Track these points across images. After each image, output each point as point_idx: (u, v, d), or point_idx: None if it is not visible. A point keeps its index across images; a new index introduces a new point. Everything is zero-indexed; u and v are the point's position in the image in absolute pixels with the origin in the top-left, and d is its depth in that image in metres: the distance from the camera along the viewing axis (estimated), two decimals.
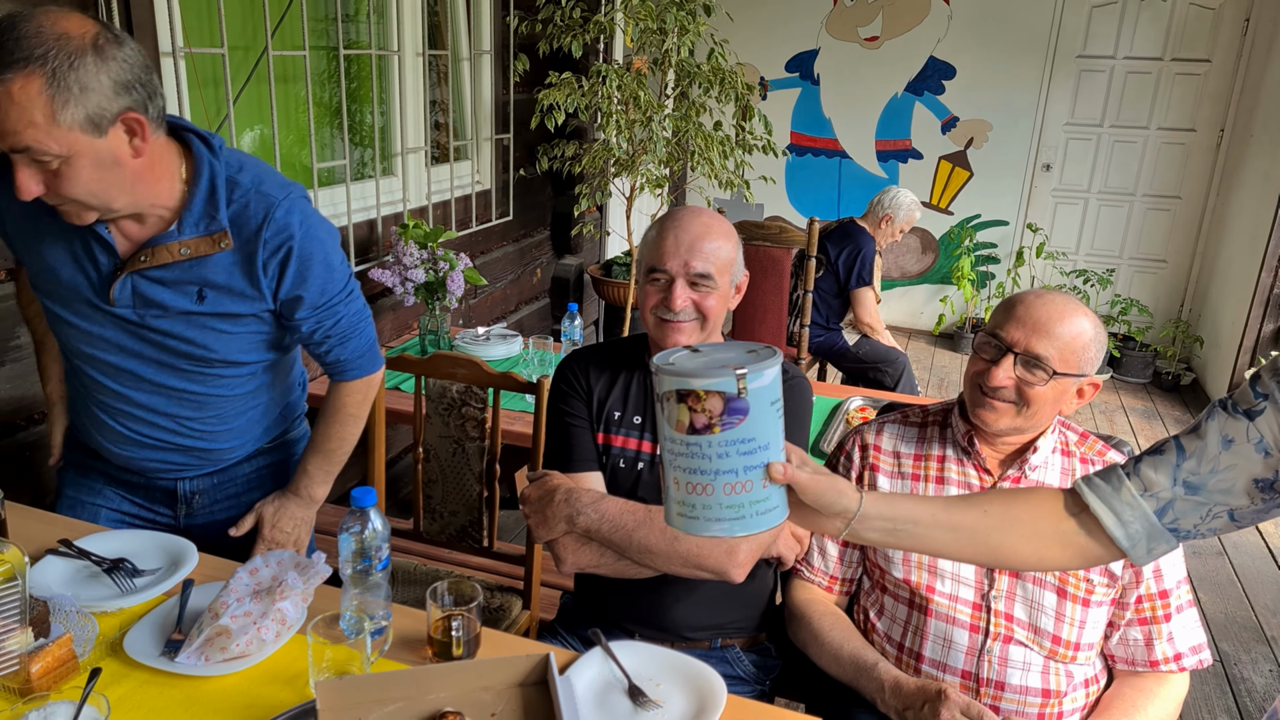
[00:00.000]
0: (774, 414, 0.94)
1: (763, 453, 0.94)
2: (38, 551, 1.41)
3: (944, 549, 1.08)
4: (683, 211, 1.60)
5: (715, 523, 0.95)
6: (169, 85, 2.23)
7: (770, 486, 0.95)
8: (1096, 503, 1.05)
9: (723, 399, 0.91)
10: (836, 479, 1.01)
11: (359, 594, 1.27)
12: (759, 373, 0.91)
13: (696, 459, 0.94)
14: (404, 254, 2.89)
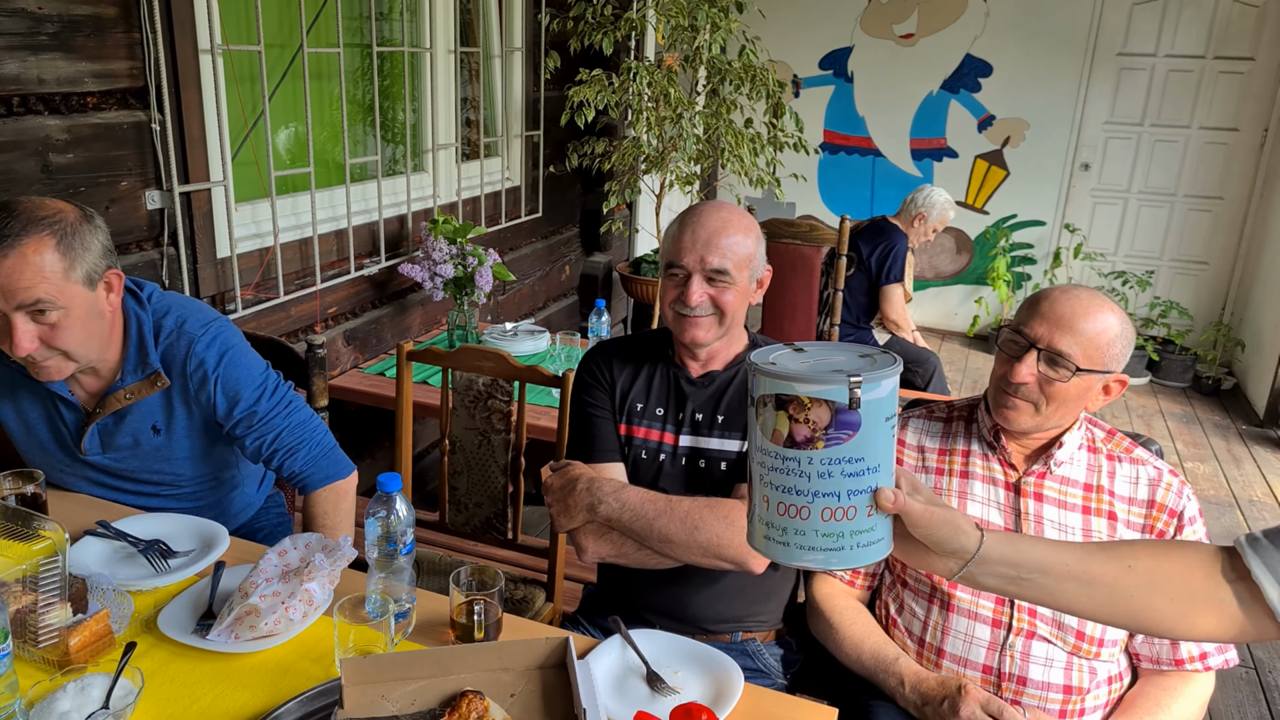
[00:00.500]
0: (888, 431, 0.82)
1: (871, 476, 0.82)
2: (76, 532, 1.46)
3: (1075, 605, 0.93)
4: (703, 207, 1.61)
5: (808, 551, 0.83)
6: (207, 82, 2.28)
7: (876, 515, 0.83)
8: (1260, 569, 0.88)
9: (831, 409, 0.79)
10: (955, 513, 0.88)
11: (384, 578, 1.30)
12: (876, 382, 0.79)
13: (793, 476, 0.82)
14: (433, 249, 2.93)
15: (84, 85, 2.00)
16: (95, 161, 2.04)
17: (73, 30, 1.95)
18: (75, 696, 1.07)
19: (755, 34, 5.16)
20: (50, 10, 1.89)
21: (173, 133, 2.19)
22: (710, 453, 1.61)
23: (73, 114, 1.99)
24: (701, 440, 1.62)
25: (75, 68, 1.97)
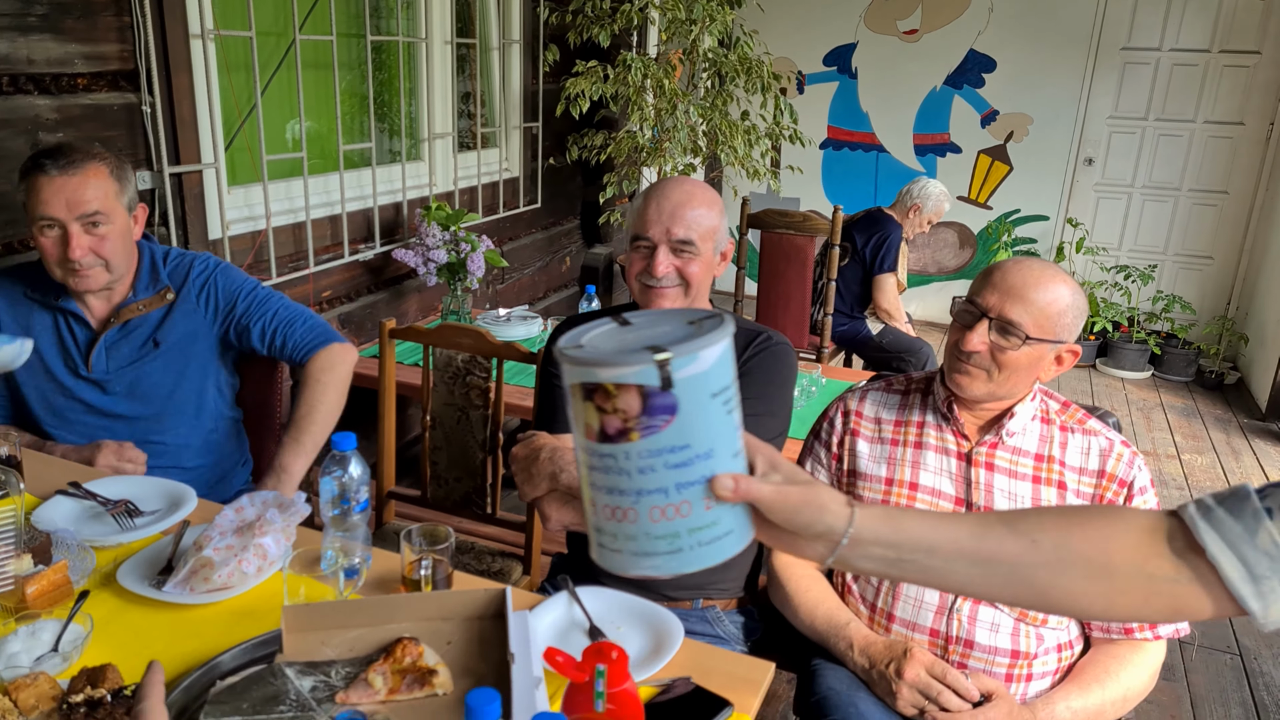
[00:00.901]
0: (718, 410, 0.69)
1: (701, 463, 0.69)
2: (48, 491, 1.50)
3: (971, 587, 0.80)
4: (667, 181, 1.64)
5: (643, 558, 0.71)
6: (198, 67, 2.33)
7: (718, 507, 0.71)
8: (1219, 546, 0.76)
9: (640, 394, 0.66)
10: (818, 490, 0.76)
11: (340, 535, 1.33)
12: (691, 355, 0.66)
13: (613, 475, 0.70)
14: (427, 235, 2.97)
15: (74, 66, 2.05)
16: (85, 141, 2.09)
17: (62, 12, 2.00)
18: (26, 640, 1.10)
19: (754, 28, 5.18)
20: None
21: (163, 115, 2.24)
22: None
23: (63, 94, 2.04)
24: None
25: (65, 49, 2.02)
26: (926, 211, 3.96)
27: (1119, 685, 1.41)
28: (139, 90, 2.19)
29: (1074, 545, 0.79)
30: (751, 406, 1.56)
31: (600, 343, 0.72)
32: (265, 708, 1.01)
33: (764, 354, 1.62)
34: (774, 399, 1.60)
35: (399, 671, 1.05)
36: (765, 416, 1.59)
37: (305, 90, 2.71)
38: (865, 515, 0.76)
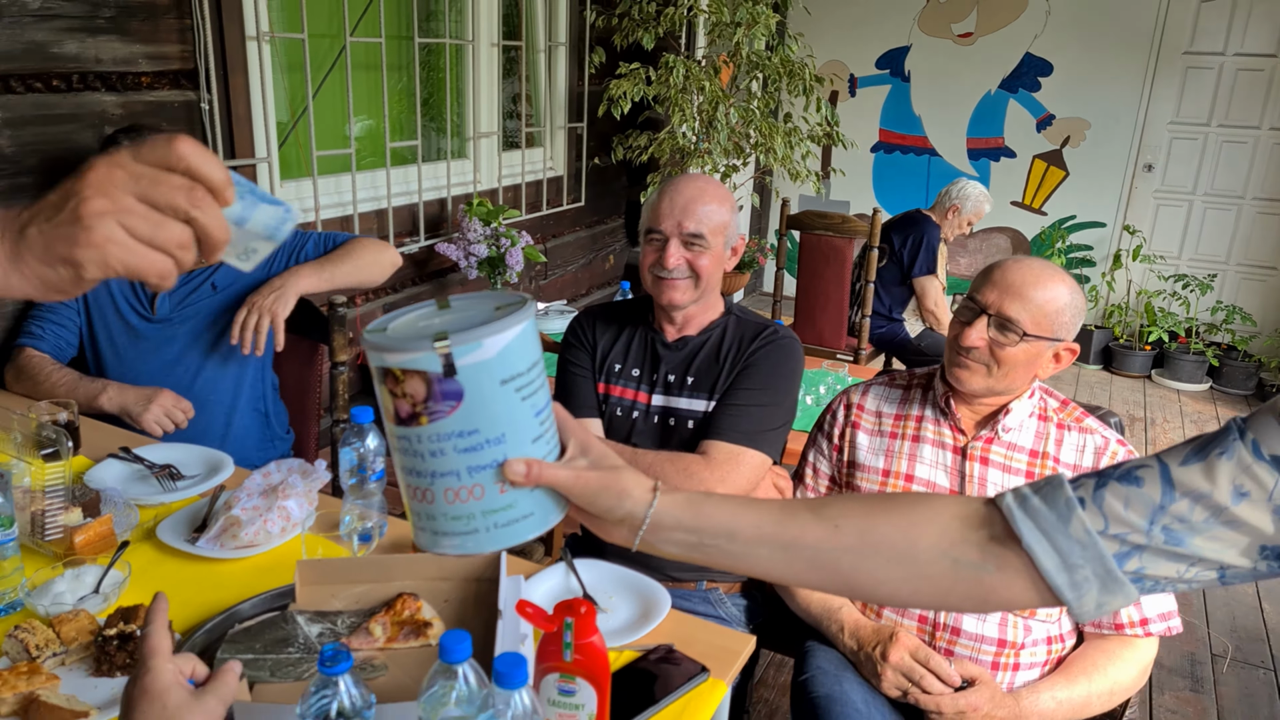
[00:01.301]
0: (509, 396, 0.70)
1: (493, 448, 0.70)
2: (102, 454, 1.64)
3: (774, 571, 0.81)
4: (681, 177, 1.71)
5: (443, 537, 0.73)
6: (253, 68, 2.47)
7: (514, 491, 0.72)
8: (1032, 533, 0.75)
9: (425, 380, 0.68)
10: (620, 475, 0.77)
11: (358, 503, 1.43)
12: (474, 343, 0.67)
13: (410, 456, 0.72)
14: (468, 229, 3.08)
15: (138, 65, 2.20)
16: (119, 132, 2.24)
17: (128, 15, 2.15)
18: (71, 581, 1.22)
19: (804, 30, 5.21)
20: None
21: (219, 112, 2.38)
22: (679, 412, 1.70)
23: (127, 91, 2.19)
24: (672, 400, 1.71)
25: (130, 49, 2.17)
26: (966, 212, 3.95)
27: (1106, 679, 1.43)
28: (198, 88, 2.34)
29: (878, 530, 0.79)
30: (756, 397, 1.63)
31: (405, 327, 0.73)
32: (275, 648, 1.11)
33: (770, 346, 1.68)
34: (778, 390, 1.65)
35: (398, 623, 1.13)
36: (770, 407, 1.64)
37: (355, 90, 2.84)
38: (666, 501, 0.78)
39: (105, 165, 0.57)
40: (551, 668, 0.97)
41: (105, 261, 0.56)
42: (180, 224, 0.57)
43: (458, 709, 0.87)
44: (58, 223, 0.56)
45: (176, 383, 1.97)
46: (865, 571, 0.79)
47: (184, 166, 0.58)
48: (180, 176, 0.57)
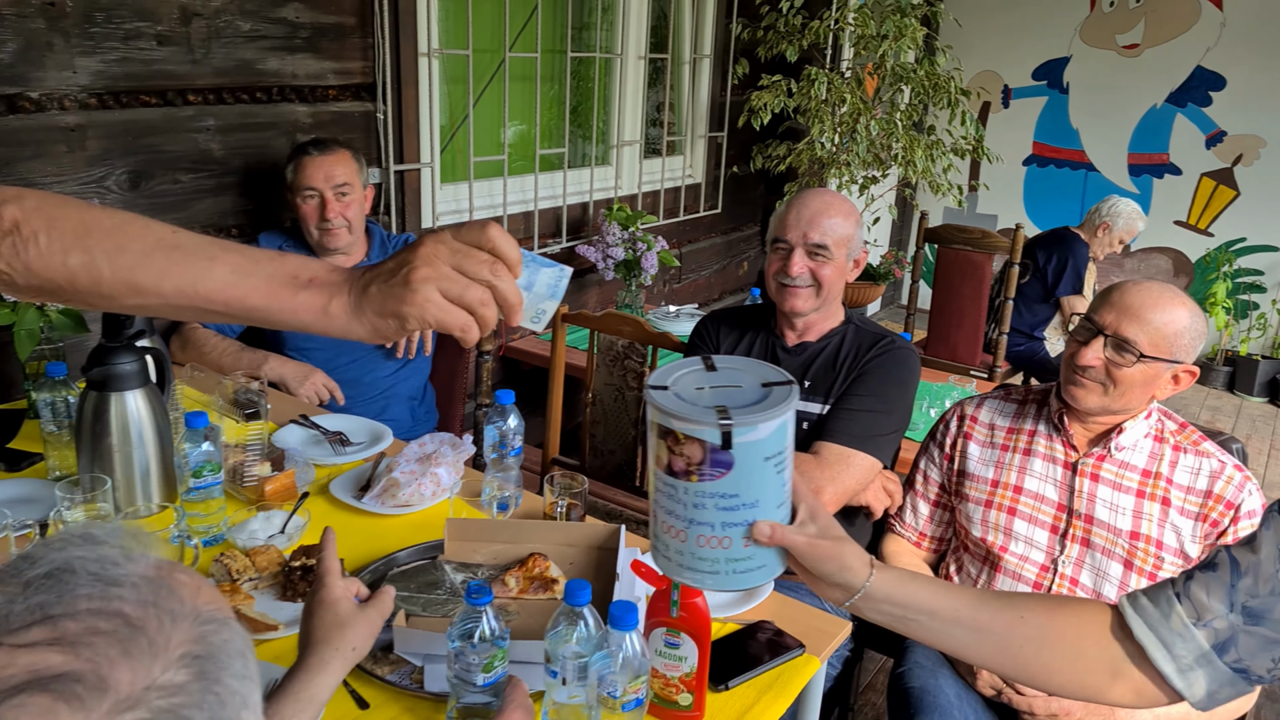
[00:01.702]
0: (769, 470, 0.81)
1: (747, 510, 0.82)
2: (284, 420, 1.88)
3: (964, 650, 0.91)
4: (809, 190, 1.81)
5: (686, 571, 0.85)
6: (423, 81, 2.72)
7: (754, 545, 0.83)
8: (1141, 628, 0.84)
9: (704, 448, 0.78)
10: (844, 549, 0.87)
11: (497, 476, 1.61)
12: (751, 426, 0.77)
13: (670, 501, 0.83)
14: (607, 233, 3.25)
15: (326, 80, 2.48)
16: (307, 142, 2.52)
17: (320, 35, 2.43)
18: (262, 522, 1.44)
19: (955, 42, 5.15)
20: (305, 19, 2.38)
21: (392, 121, 2.64)
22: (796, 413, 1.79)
23: (316, 103, 2.47)
24: None
25: (320, 65, 2.45)
26: (1117, 230, 3.83)
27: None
28: (375, 100, 2.60)
29: (1055, 626, 0.89)
30: (869, 403, 1.71)
31: (684, 385, 0.83)
32: (427, 590, 1.29)
33: (885, 355, 1.75)
34: (891, 397, 1.72)
35: (529, 578, 1.29)
36: (882, 413, 1.72)
37: (511, 100, 3.07)
38: (881, 578, 0.88)
39: (432, 242, 0.72)
40: (660, 622, 1.09)
41: (423, 317, 0.72)
42: (482, 288, 0.72)
43: (577, 646, 1.01)
44: (392, 284, 0.72)
45: (342, 373, 2.23)
46: (1041, 661, 0.89)
47: (490, 246, 0.73)
48: (486, 254, 0.73)
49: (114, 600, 0.52)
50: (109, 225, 0.74)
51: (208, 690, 0.52)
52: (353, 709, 1.12)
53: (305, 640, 0.99)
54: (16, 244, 0.72)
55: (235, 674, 0.55)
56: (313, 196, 2.19)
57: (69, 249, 0.73)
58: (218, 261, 0.74)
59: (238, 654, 0.56)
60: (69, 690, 0.48)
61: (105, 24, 2.00)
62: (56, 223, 0.73)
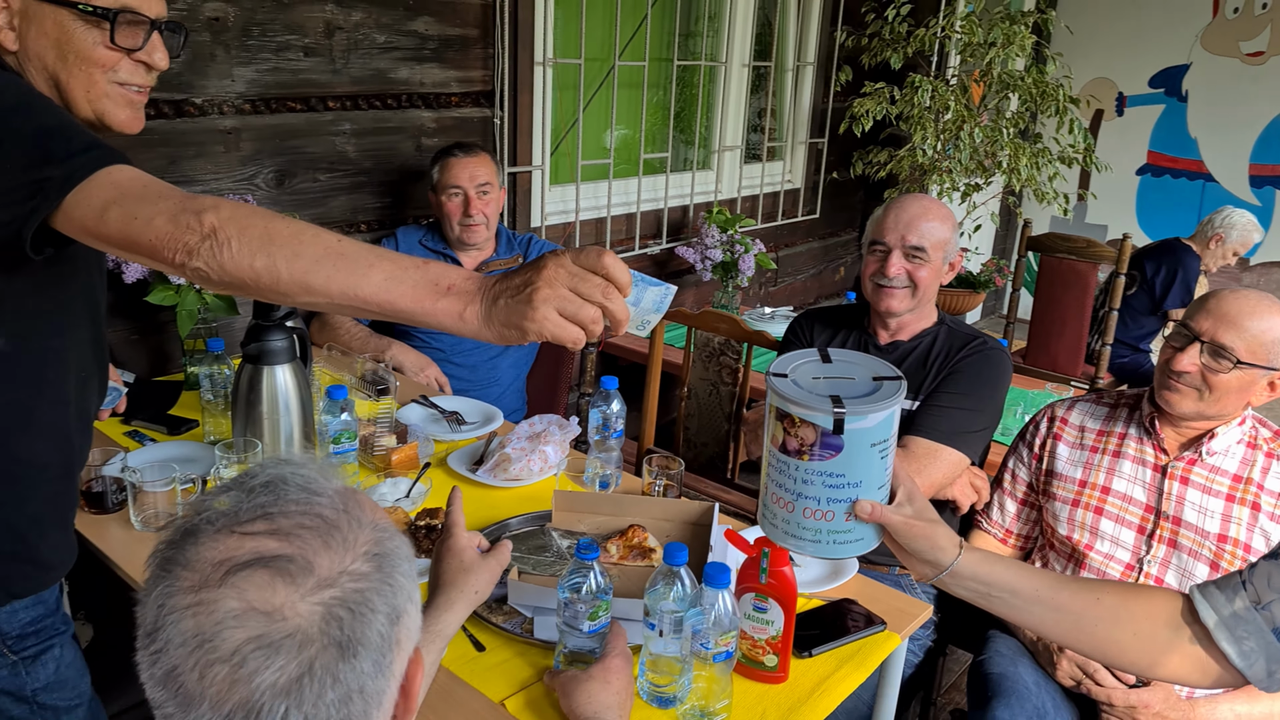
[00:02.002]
0: (874, 455, 0.91)
1: (851, 489, 0.92)
2: (406, 400, 2.05)
3: (1041, 627, 1.01)
4: (907, 196, 1.87)
5: (790, 538, 0.96)
6: (537, 89, 2.88)
7: (855, 520, 0.94)
8: (1207, 611, 0.93)
9: (816, 431, 0.88)
10: (937, 530, 0.97)
11: (599, 456, 1.73)
12: (861, 415, 0.88)
13: (782, 475, 0.93)
14: (706, 235, 3.36)
15: (450, 88, 2.66)
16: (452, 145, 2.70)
17: (446, 46, 2.61)
18: (390, 487, 1.60)
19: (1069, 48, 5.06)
20: (433, 32, 2.56)
21: (507, 126, 2.81)
22: None
23: (440, 109, 2.65)
24: None
25: (445, 74, 2.63)
26: (1230, 242, 3.72)
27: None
28: (493, 106, 2.77)
29: (1129, 608, 0.98)
30: (958, 401, 1.77)
31: (802, 374, 0.94)
32: (536, 552, 1.41)
33: (977, 356, 1.80)
34: (980, 396, 1.77)
35: (628, 547, 1.40)
36: (971, 411, 1.77)
37: (618, 106, 3.20)
38: (969, 558, 0.98)
39: (554, 265, 0.84)
40: (749, 588, 1.19)
41: (541, 331, 0.83)
42: (594, 307, 0.84)
43: (673, 604, 1.12)
44: (518, 301, 0.83)
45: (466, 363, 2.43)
46: (1114, 640, 0.97)
47: (603, 271, 0.84)
48: (600, 277, 0.84)
49: (316, 505, 0.66)
50: (288, 234, 0.87)
51: (384, 580, 0.66)
52: (470, 650, 1.25)
53: (434, 583, 1.13)
54: (214, 247, 0.86)
55: (404, 573, 0.68)
56: (457, 194, 2.39)
57: (255, 253, 0.86)
58: (374, 269, 0.86)
59: (405, 558, 0.69)
60: (283, 568, 0.62)
61: (260, 37, 2.21)
62: (246, 230, 0.86)
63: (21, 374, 1.10)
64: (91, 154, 0.92)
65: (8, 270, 1.03)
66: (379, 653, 0.65)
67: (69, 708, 1.28)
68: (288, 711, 0.61)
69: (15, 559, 1.16)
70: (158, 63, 1.14)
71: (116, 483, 1.58)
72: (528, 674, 1.22)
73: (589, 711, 1.06)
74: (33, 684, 1.23)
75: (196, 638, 0.60)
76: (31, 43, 1.08)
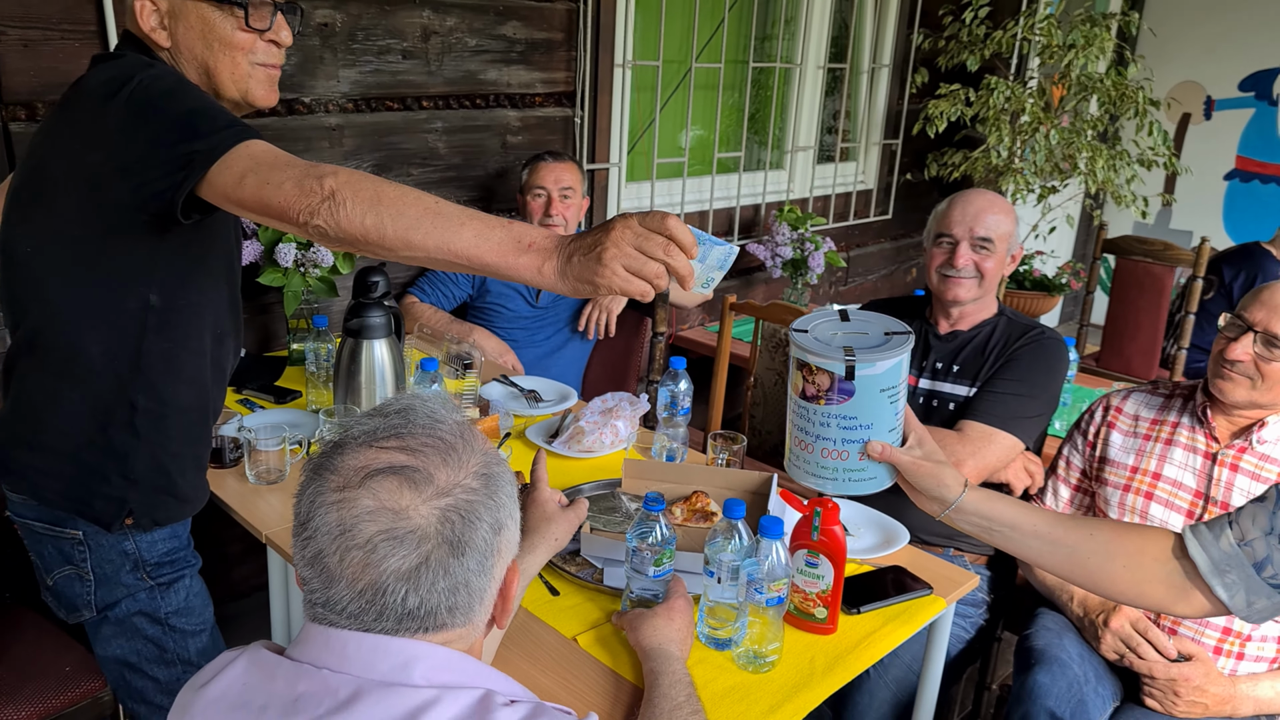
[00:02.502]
0: (884, 400, 1.02)
1: (864, 430, 1.03)
2: (487, 378, 2.21)
3: (1039, 559, 1.11)
4: (970, 190, 1.95)
5: (810, 476, 1.09)
6: (616, 89, 3.01)
7: (868, 460, 1.05)
8: (1196, 548, 1.03)
9: (831, 378, 1.00)
10: (943, 470, 1.08)
11: (666, 433, 1.84)
12: (870, 362, 0.99)
13: (804, 420, 1.05)
14: (777, 233, 3.45)
15: (534, 89, 2.81)
16: (535, 143, 2.86)
17: (532, 49, 2.76)
18: None
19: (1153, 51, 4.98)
20: (521, 35, 2.72)
21: (587, 125, 2.95)
22: (943, 394, 1.94)
23: (525, 109, 2.81)
24: (938, 384, 1.95)
25: (531, 76, 2.79)
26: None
27: None
28: (574, 106, 2.92)
29: (1119, 542, 1.08)
30: (1014, 387, 1.84)
31: (821, 329, 1.06)
32: (607, 513, 1.54)
33: (1033, 345, 1.86)
34: (1035, 383, 1.83)
35: (692, 510, 1.51)
36: (1026, 398, 1.83)
37: (694, 107, 3.32)
38: (972, 495, 1.08)
39: (620, 226, 0.95)
40: (802, 544, 1.29)
41: (610, 285, 0.95)
42: (657, 264, 0.95)
43: (731, 555, 1.23)
44: (589, 258, 0.95)
45: (538, 349, 2.59)
46: (1105, 570, 1.08)
47: (666, 232, 0.95)
48: (663, 237, 0.95)
49: (439, 430, 0.80)
50: (394, 195, 1.01)
51: (490, 496, 0.79)
52: (546, 595, 1.38)
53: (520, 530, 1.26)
54: (332, 207, 1.00)
55: (506, 493, 0.82)
56: (541, 195, 2.54)
57: (365, 212, 0.99)
58: (466, 227, 0.99)
59: (508, 482, 0.83)
60: (410, 476, 0.76)
61: (364, 41, 2.40)
62: (359, 193, 1.00)
63: (168, 326, 1.27)
64: (231, 130, 1.08)
65: (159, 233, 1.19)
66: (483, 555, 0.78)
67: (195, 632, 1.45)
68: (407, 594, 0.75)
69: (160, 490, 1.33)
70: (284, 40, 1.30)
71: (233, 442, 1.76)
72: (597, 615, 1.34)
73: (654, 642, 1.18)
74: (165, 607, 1.40)
75: (339, 527, 0.75)
76: (181, 37, 1.25)
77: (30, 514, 1.35)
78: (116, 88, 1.13)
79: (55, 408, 1.28)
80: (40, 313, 1.26)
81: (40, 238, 1.24)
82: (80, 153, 1.17)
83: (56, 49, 1.97)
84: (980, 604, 1.90)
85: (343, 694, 0.73)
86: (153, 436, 1.30)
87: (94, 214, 1.19)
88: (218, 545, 2.43)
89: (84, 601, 1.38)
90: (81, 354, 1.25)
